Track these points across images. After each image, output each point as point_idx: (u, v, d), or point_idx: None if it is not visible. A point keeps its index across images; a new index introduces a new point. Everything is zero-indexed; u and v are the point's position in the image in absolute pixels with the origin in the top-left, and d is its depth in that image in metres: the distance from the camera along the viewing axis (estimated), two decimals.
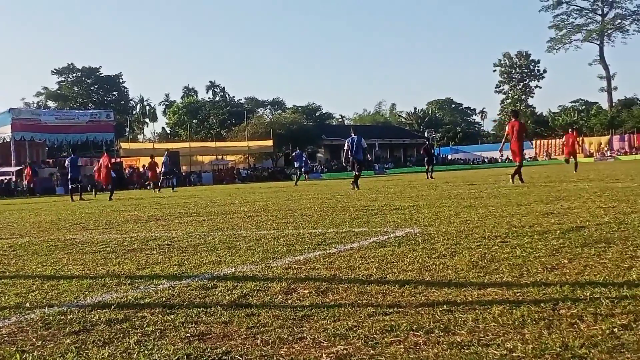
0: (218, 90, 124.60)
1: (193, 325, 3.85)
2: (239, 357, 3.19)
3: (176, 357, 3.24)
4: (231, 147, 79.81)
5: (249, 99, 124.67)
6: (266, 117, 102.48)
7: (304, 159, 44.46)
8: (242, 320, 3.89)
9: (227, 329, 3.72)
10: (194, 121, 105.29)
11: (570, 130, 32.78)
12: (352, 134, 25.05)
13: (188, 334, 3.64)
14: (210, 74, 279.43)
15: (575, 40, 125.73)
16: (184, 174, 65.36)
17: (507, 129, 21.65)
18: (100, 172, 31.68)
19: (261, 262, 6.22)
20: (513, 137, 21.07)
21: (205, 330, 3.73)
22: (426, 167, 38.09)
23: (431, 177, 35.08)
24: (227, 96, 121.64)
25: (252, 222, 11.14)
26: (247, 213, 13.41)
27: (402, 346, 3.22)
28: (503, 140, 22.16)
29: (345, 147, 25.10)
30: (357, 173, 24.92)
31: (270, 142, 75.13)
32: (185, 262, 6.53)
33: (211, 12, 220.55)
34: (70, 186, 31.30)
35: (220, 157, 77.84)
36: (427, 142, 48.65)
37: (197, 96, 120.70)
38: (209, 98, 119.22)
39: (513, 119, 21.87)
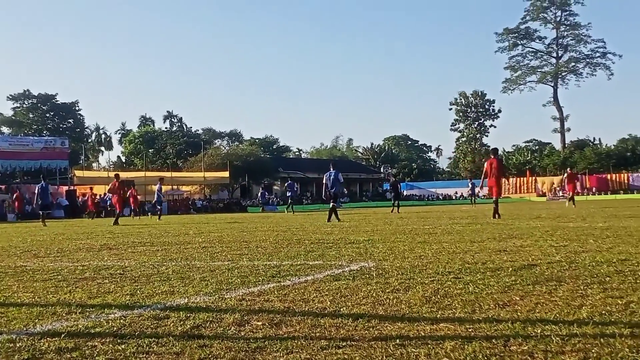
0: (175, 121, 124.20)
1: (144, 355, 3.81)
2: None
3: None
4: (187, 177, 79.37)
5: (206, 129, 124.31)
6: (223, 148, 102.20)
7: (295, 189, 44.69)
8: (194, 351, 3.86)
9: None
10: (150, 150, 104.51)
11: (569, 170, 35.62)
12: (331, 168, 25.60)
13: None
14: (168, 103, 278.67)
15: (530, 81, 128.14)
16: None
17: (485, 166, 22.56)
18: (114, 197, 32.53)
19: (215, 293, 6.18)
20: (491, 174, 22.04)
21: None
22: (392, 201, 39.26)
23: (397, 211, 35.73)
24: (185, 126, 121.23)
25: (207, 252, 11.06)
26: (202, 244, 13.31)
27: None
28: (482, 177, 23.25)
29: (324, 181, 25.61)
30: (333, 204, 25.10)
31: (226, 174, 74.83)
32: (138, 291, 6.46)
33: (169, 42, 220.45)
34: (41, 212, 31.69)
35: (175, 187, 77.31)
36: (394, 178, 49.52)
37: (154, 126, 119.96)
38: (166, 128, 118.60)
39: (492, 157, 22.84)
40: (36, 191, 32.91)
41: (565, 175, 39.25)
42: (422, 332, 4.21)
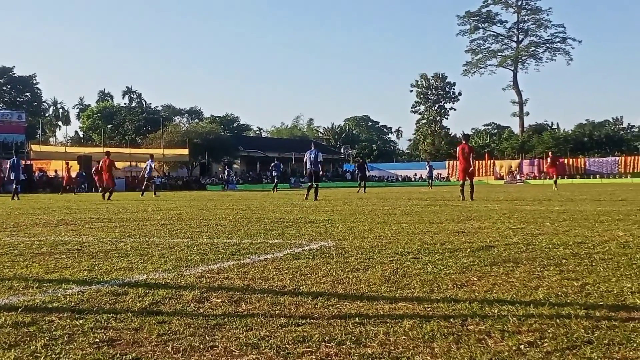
0: (135, 97, 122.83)
1: (102, 330, 3.77)
2: None
3: None
4: (146, 154, 78.50)
5: (166, 106, 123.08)
6: (183, 125, 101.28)
7: (280, 168, 44.96)
8: (153, 327, 3.83)
9: (138, 336, 3.66)
10: (108, 126, 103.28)
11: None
12: (312, 147, 26.35)
13: (97, 340, 3.57)
14: (128, 79, 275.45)
15: (490, 65, 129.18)
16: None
17: (457, 150, 23.54)
18: (102, 175, 32.30)
19: (174, 270, 6.15)
20: (461, 157, 23.08)
21: (114, 336, 3.66)
22: (359, 182, 41.02)
23: (364, 191, 36.96)
24: (144, 103, 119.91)
25: (165, 230, 11.00)
26: (161, 221, 13.24)
27: (313, 357, 3.23)
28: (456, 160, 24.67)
29: (305, 159, 26.08)
30: (314, 184, 25.58)
31: (186, 151, 74.25)
32: (96, 267, 6.41)
33: (130, 17, 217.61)
34: (14, 186, 32.11)
35: (134, 164, 76.51)
36: (360, 159, 49.89)
37: (112, 101, 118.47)
38: (125, 104, 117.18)
39: (463, 142, 23.71)
40: (8, 165, 33.16)
41: (549, 159, 40.67)
42: (380, 311, 4.24)
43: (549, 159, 40.95)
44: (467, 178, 23.12)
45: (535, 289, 4.93)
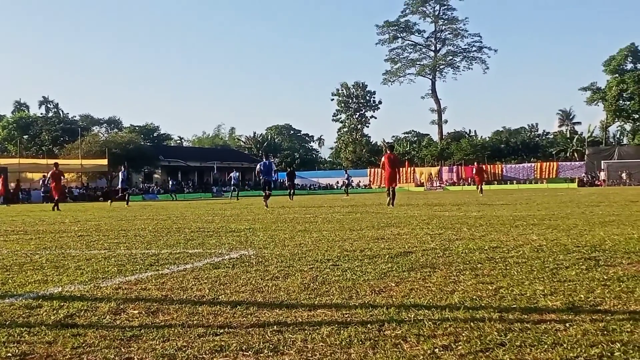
0: (52, 106, 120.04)
1: (15, 344, 3.69)
2: None
3: None
4: (64, 165, 76.92)
5: (84, 116, 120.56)
6: (101, 135, 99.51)
7: (237, 177, 45.32)
8: (67, 340, 3.77)
9: (51, 349, 3.59)
10: (24, 137, 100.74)
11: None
12: (264, 159, 28.88)
13: (9, 354, 3.49)
14: (44, 89, 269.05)
15: (409, 73, 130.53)
16: (11, 191, 62.40)
17: (383, 159, 25.23)
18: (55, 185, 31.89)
19: (90, 282, 6.05)
20: (388, 166, 24.59)
21: (27, 350, 3.59)
22: (288, 190, 42.59)
23: (291, 199, 38.33)
24: (61, 113, 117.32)
25: (83, 241, 10.80)
26: (78, 232, 12.99)
27: None
28: (381, 169, 26.48)
29: (257, 170, 28.22)
30: (268, 192, 27.72)
31: (105, 161, 72.89)
32: (9, 280, 6.26)
33: (45, 25, 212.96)
34: None
35: None
36: (289, 169, 50.35)
37: (28, 111, 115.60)
38: (41, 114, 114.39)
39: (388, 152, 25.48)
40: None
41: (474, 168, 43.34)
42: (299, 318, 4.26)
43: (474, 168, 42.97)
44: (392, 185, 24.57)
45: (451, 293, 5.02)
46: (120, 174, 39.53)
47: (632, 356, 3.20)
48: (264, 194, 27.98)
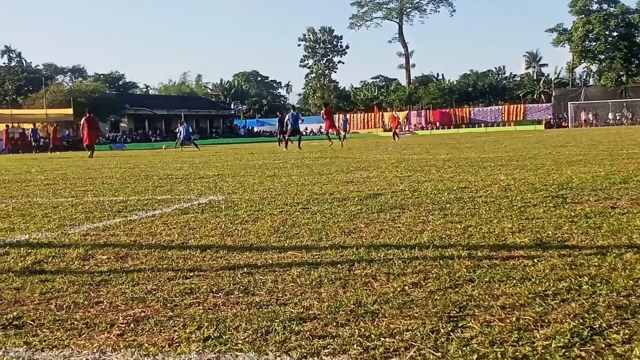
0: (14, 55, 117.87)
1: None
2: (30, 322, 3.06)
3: None
4: (28, 114, 75.73)
5: (47, 65, 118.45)
6: (66, 84, 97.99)
7: (187, 128, 44.65)
8: (35, 286, 3.73)
9: (19, 295, 3.56)
10: None
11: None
12: (292, 110, 35.52)
13: None
14: (6, 38, 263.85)
15: (376, 17, 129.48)
16: None
17: (322, 113, 35.34)
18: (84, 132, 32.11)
19: (57, 229, 6.00)
20: (326, 118, 34.33)
21: None
22: (278, 136, 42.53)
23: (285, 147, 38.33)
24: (24, 62, 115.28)
25: (49, 189, 10.70)
26: (44, 181, 12.86)
27: (201, 307, 3.22)
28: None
29: (286, 120, 32.90)
30: (299, 135, 32.80)
31: (70, 111, 71.84)
32: None
33: None
34: None
35: (16, 125, 73.74)
36: (279, 114, 50.11)
37: None
38: (4, 63, 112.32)
39: (325, 108, 36.00)
40: None
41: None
42: (269, 261, 4.25)
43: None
44: (332, 131, 34.14)
45: (420, 233, 5.04)
46: (181, 127, 43.00)
47: (600, 289, 3.24)
48: (287, 139, 32.21)
